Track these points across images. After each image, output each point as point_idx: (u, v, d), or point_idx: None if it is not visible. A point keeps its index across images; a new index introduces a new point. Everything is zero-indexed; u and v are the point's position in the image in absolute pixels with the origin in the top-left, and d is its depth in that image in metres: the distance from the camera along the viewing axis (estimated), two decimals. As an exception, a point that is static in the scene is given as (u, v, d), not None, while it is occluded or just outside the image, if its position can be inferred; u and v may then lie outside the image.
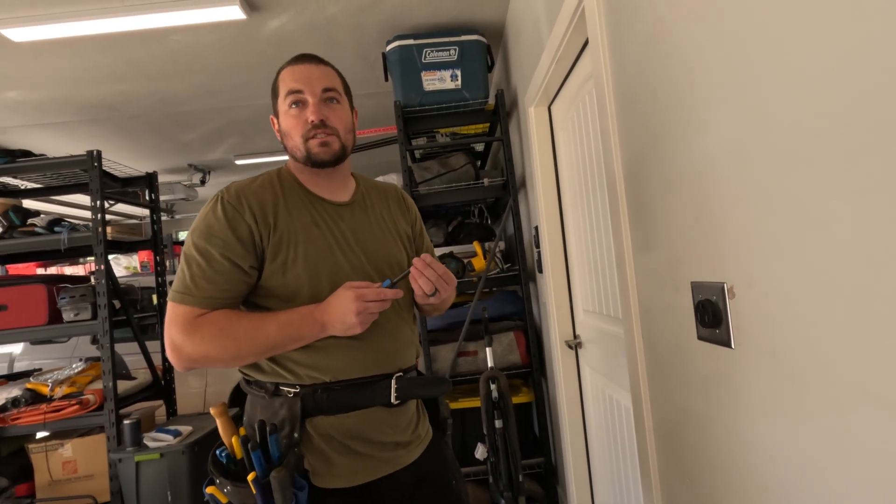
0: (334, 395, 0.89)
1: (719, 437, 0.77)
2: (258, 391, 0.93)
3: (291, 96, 0.95)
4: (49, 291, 2.55)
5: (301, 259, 0.91)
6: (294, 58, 0.99)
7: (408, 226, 1.11)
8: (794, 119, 0.55)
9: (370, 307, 0.86)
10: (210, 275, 0.87)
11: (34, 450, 2.57)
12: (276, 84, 0.99)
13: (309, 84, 0.95)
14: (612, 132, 1.07)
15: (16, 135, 3.36)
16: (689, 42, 0.75)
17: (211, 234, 0.88)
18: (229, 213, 0.89)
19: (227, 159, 4.53)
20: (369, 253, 0.97)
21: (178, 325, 0.86)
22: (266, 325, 0.86)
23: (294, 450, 0.87)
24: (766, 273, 0.62)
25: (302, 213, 0.95)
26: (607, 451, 1.69)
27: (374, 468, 0.91)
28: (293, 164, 1.01)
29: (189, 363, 0.87)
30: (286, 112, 0.96)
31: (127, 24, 2.07)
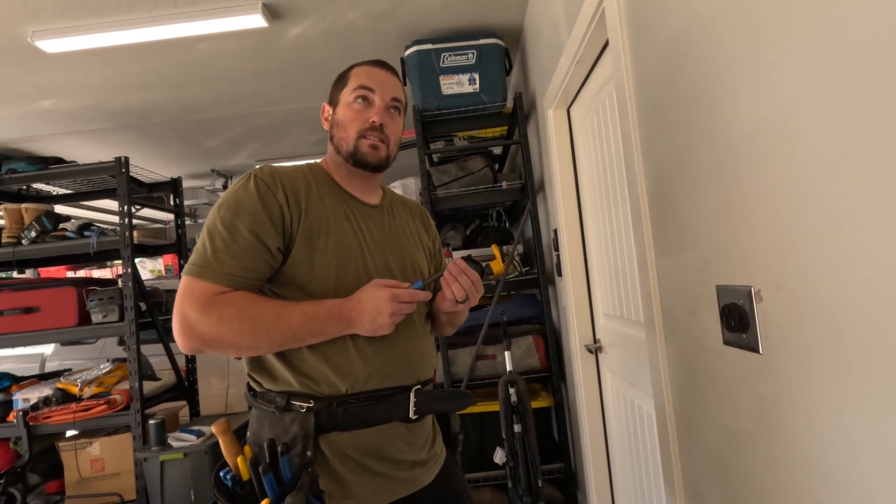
0: (351, 409, 0.84)
1: (747, 444, 0.75)
2: (267, 406, 0.86)
3: (361, 91, 0.94)
4: (79, 294, 2.63)
5: (331, 249, 0.87)
6: (373, 60, 0.99)
7: (430, 240, 1.10)
8: (826, 115, 0.54)
9: (403, 308, 0.83)
10: (235, 250, 0.81)
11: (64, 448, 2.64)
12: (346, 75, 0.98)
13: (381, 87, 0.94)
14: (633, 133, 1.06)
15: (49, 142, 3.49)
16: (714, 41, 0.73)
17: (240, 208, 0.83)
18: (262, 189, 0.85)
19: (248, 164, 4.61)
20: (395, 256, 0.95)
21: (194, 300, 0.78)
22: (290, 314, 0.80)
23: (308, 470, 0.80)
24: (795, 276, 0.61)
25: (334, 205, 0.92)
26: (629, 458, 1.67)
27: (392, 489, 0.87)
28: (330, 161, 0.99)
29: (199, 344, 0.79)
30: (349, 104, 0.94)
31: (154, 34, 2.13)
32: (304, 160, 4.94)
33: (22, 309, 2.59)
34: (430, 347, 0.98)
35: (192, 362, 3.08)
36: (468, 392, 0.95)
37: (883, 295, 0.48)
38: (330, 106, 0.99)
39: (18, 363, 3.83)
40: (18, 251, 2.67)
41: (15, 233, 2.72)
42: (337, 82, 1.00)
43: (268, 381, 0.88)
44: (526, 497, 1.85)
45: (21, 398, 2.60)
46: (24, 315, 2.59)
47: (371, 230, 0.95)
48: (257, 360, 0.90)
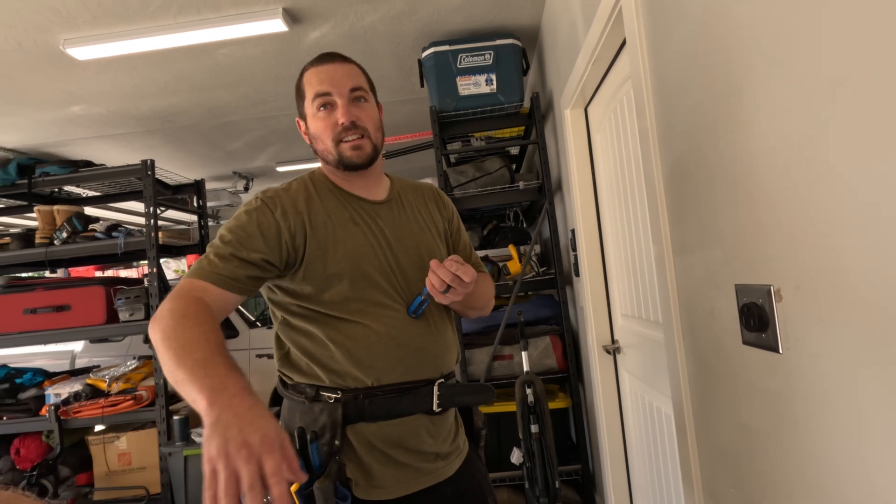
0: (376, 401, 0.87)
1: (767, 446, 0.75)
2: (297, 396, 0.90)
3: (319, 99, 0.92)
4: (107, 293, 2.71)
5: (341, 257, 0.89)
6: (317, 58, 0.96)
7: (445, 222, 1.09)
8: (850, 111, 0.53)
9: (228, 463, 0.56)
10: (222, 253, 0.85)
11: (93, 442, 2.73)
12: (300, 85, 0.96)
13: (336, 85, 0.92)
14: (651, 133, 1.05)
15: (79, 146, 3.61)
16: (733, 38, 0.73)
17: (241, 228, 0.88)
18: (260, 209, 0.89)
19: (269, 166, 4.69)
20: (408, 250, 0.96)
21: (174, 292, 0.81)
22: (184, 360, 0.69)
23: (335, 458, 0.84)
24: (815, 275, 0.60)
25: (340, 212, 0.94)
26: (647, 459, 1.65)
27: (416, 480, 0.89)
28: (325, 167, 0.99)
29: (152, 323, 0.77)
30: (314, 115, 0.94)
31: (179, 41, 2.19)
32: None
33: (54, 307, 2.69)
34: (452, 340, 0.99)
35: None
36: (491, 386, 0.95)
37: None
38: (302, 121, 0.99)
39: (50, 360, 3.97)
40: (51, 251, 2.77)
41: (47, 234, 2.82)
42: (297, 95, 0.98)
43: (297, 374, 0.91)
44: (543, 498, 1.85)
45: (53, 393, 2.69)
46: (55, 313, 2.69)
47: (381, 227, 0.95)
48: (286, 358, 0.94)
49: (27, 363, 3.40)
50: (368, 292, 0.89)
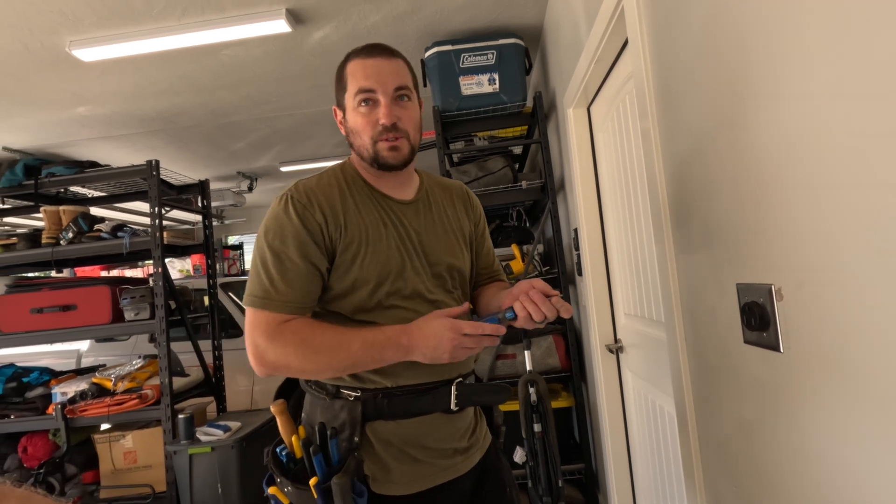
0: (395, 401, 0.88)
1: (768, 444, 0.75)
2: (318, 392, 0.92)
3: (362, 94, 0.88)
4: (112, 292, 2.73)
5: (370, 260, 0.88)
6: (364, 48, 0.91)
7: (471, 225, 1.07)
8: (854, 112, 0.53)
9: (465, 342, 0.80)
10: (290, 277, 0.85)
11: (99, 440, 2.75)
12: (342, 74, 0.92)
13: (381, 82, 0.88)
14: (653, 132, 1.05)
15: (84, 147, 3.63)
16: (736, 38, 0.73)
17: (285, 234, 0.86)
18: (300, 212, 0.87)
19: (273, 166, 4.71)
20: (430, 255, 0.95)
21: (261, 331, 0.84)
22: (350, 342, 0.82)
23: (354, 454, 0.85)
24: (816, 274, 0.60)
25: (370, 211, 0.92)
26: (650, 459, 1.65)
27: (433, 476, 0.90)
28: (357, 161, 0.97)
29: (270, 370, 0.85)
30: (354, 109, 0.90)
31: (182, 42, 2.21)
32: (328, 161, 5.00)
33: (60, 307, 2.71)
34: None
35: (219, 360, 3.17)
36: (507, 386, 0.95)
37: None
38: (339, 110, 0.96)
39: (57, 359, 4.00)
40: (57, 251, 2.80)
41: (54, 234, 2.84)
42: (337, 82, 0.94)
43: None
44: (546, 497, 1.85)
45: (59, 392, 2.72)
46: (62, 312, 2.71)
47: (407, 230, 0.94)
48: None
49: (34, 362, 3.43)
50: (391, 297, 0.89)
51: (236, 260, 5.86)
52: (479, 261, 1.09)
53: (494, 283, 1.10)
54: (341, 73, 0.93)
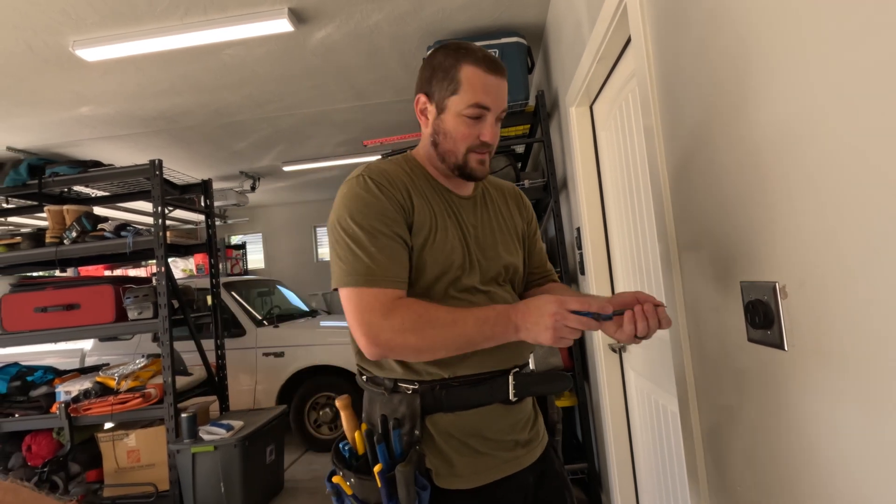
0: (453, 392, 0.87)
1: (772, 444, 0.74)
2: (376, 388, 0.91)
3: (477, 109, 0.87)
4: (116, 292, 2.74)
5: (437, 248, 0.87)
6: (486, 60, 0.88)
7: (524, 224, 1.07)
8: (858, 110, 0.53)
9: (569, 319, 0.75)
10: (388, 252, 0.83)
11: (103, 439, 2.76)
12: (455, 74, 0.88)
13: (496, 103, 0.88)
14: (655, 130, 1.05)
15: (87, 147, 3.64)
16: (738, 36, 0.73)
17: (370, 210, 0.84)
18: (383, 188, 0.85)
19: (275, 166, 4.72)
20: (486, 250, 0.94)
21: (373, 309, 0.81)
22: (464, 318, 0.81)
23: (415, 448, 0.84)
24: (820, 272, 0.60)
25: (436, 200, 0.92)
26: (653, 458, 1.65)
27: (496, 468, 0.89)
28: (424, 156, 0.95)
29: (385, 350, 0.82)
30: (459, 116, 0.88)
31: (185, 41, 2.21)
32: (330, 161, 5.00)
33: (64, 306, 2.72)
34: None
35: (221, 359, 3.18)
36: (567, 375, 0.92)
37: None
38: (430, 103, 0.92)
39: (61, 358, 4.02)
40: (61, 251, 2.81)
41: (57, 233, 2.85)
42: (440, 76, 0.89)
43: (375, 368, 0.92)
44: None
45: (63, 391, 2.73)
46: (65, 311, 2.72)
47: (466, 224, 0.94)
48: (361, 353, 0.94)
49: (38, 361, 3.44)
50: (450, 288, 0.89)
51: (239, 259, 5.88)
52: (532, 260, 1.08)
53: (549, 282, 1.10)
54: (451, 70, 0.88)
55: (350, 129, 3.83)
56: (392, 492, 0.81)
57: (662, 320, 0.77)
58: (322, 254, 6.94)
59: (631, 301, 0.78)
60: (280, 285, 4.89)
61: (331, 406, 3.66)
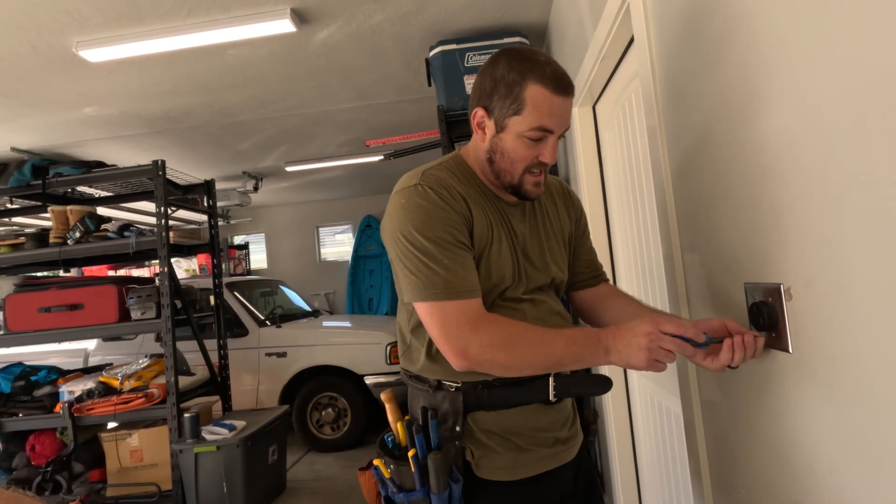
0: (494, 392, 0.87)
1: (776, 447, 0.74)
2: (420, 385, 0.92)
3: (540, 132, 0.83)
4: (119, 292, 2.75)
5: (493, 261, 0.87)
6: (555, 79, 0.82)
7: (572, 224, 1.04)
8: (861, 109, 0.52)
9: (664, 341, 0.72)
10: (461, 261, 0.81)
11: (106, 438, 2.77)
12: (520, 92, 0.82)
13: (561, 126, 0.85)
14: (659, 130, 1.04)
15: (91, 147, 3.66)
16: (742, 36, 0.72)
17: (434, 220, 0.82)
18: (444, 197, 0.83)
19: (278, 166, 4.73)
20: (534, 260, 0.93)
21: (459, 322, 0.80)
22: (553, 338, 0.80)
23: (455, 442, 0.86)
24: (827, 273, 0.59)
25: (489, 209, 0.90)
26: (656, 460, 1.64)
27: (537, 462, 0.90)
28: (475, 162, 0.93)
29: (473, 364, 0.80)
30: (522, 137, 0.84)
31: (188, 42, 2.21)
32: (333, 161, 4.99)
33: (67, 306, 2.73)
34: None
35: (224, 359, 3.18)
36: (608, 377, 0.90)
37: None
38: (489, 118, 0.87)
39: (64, 358, 4.03)
40: (64, 251, 2.82)
41: (61, 233, 2.86)
42: (503, 92, 0.84)
43: (418, 368, 0.93)
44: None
45: (67, 391, 2.74)
46: (69, 311, 2.73)
47: (514, 231, 0.92)
48: (408, 353, 0.95)
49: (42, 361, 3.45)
50: (496, 299, 0.89)
51: (242, 260, 5.89)
52: (580, 260, 1.06)
53: (602, 284, 1.07)
54: (515, 88, 0.83)
55: (352, 130, 3.83)
56: (424, 477, 0.83)
57: (758, 351, 0.73)
58: (325, 254, 6.95)
59: (719, 328, 0.74)
60: (283, 285, 4.90)
61: (333, 406, 3.67)
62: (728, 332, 0.74)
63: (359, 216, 6.60)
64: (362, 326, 4.09)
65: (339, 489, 2.97)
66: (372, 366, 3.55)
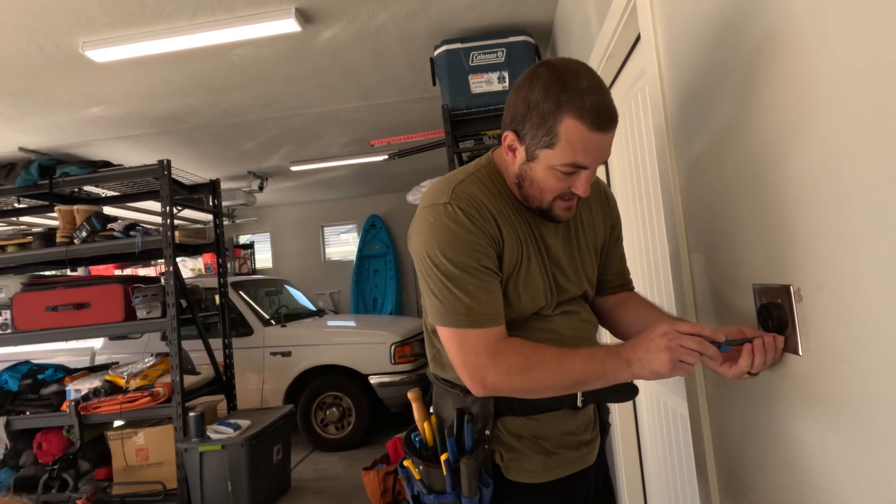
0: (525, 398, 0.87)
1: (785, 450, 0.73)
2: (451, 388, 0.91)
3: (572, 168, 0.78)
4: (125, 291, 2.76)
5: (522, 283, 0.86)
6: (595, 116, 0.75)
7: (607, 229, 1.01)
8: (872, 107, 0.51)
9: (685, 341, 0.70)
10: (487, 289, 0.81)
11: (112, 437, 2.78)
12: (555, 128, 0.76)
13: (598, 159, 0.79)
14: (666, 129, 1.03)
15: (97, 147, 3.68)
16: (747, 33, 0.71)
17: (462, 245, 0.80)
18: (474, 220, 0.81)
19: (283, 166, 4.74)
20: (566, 273, 0.92)
21: (479, 351, 0.80)
22: (571, 357, 0.78)
23: (485, 446, 0.87)
24: (839, 274, 0.58)
25: (521, 226, 0.87)
26: (662, 463, 1.63)
27: (564, 465, 0.91)
28: (505, 170, 0.89)
29: (490, 391, 0.81)
30: (552, 170, 0.79)
31: (193, 42, 2.22)
32: (337, 161, 4.98)
33: (74, 305, 2.74)
34: (596, 340, 1.00)
35: (229, 358, 3.19)
36: (634, 384, 0.89)
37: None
38: (520, 144, 0.82)
39: (71, 356, 4.06)
40: (71, 250, 2.83)
41: (68, 233, 2.88)
42: (536, 121, 0.77)
43: (447, 373, 0.93)
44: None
45: (73, 389, 2.75)
46: (76, 310, 2.75)
47: (547, 246, 0.90)
48: (437, 358, 0.95)
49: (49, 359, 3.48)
50: (527, 312, 0.89)
51: (247, 259, 5.91)
52: (611, 267, 1.04)
53: (626, 292, 1.06)
54: (549, 119, 0.76)
55: (357, 129, 3.84)
56: (455, 481, 0.84)
57: (778, 353, 0.70)
58: (329, 253, 6.97)
59: (737, 333, 0.71)
60: (287, 285, 4.91)
61: (337, 406, 3.67)
62: (746, 337, 0.71)
63: (363, 216, 6.61)
64: (367, 326, 4.09)
65: (343, 488, 2.98)
66: (376, 365, 3.55)
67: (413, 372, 3.55)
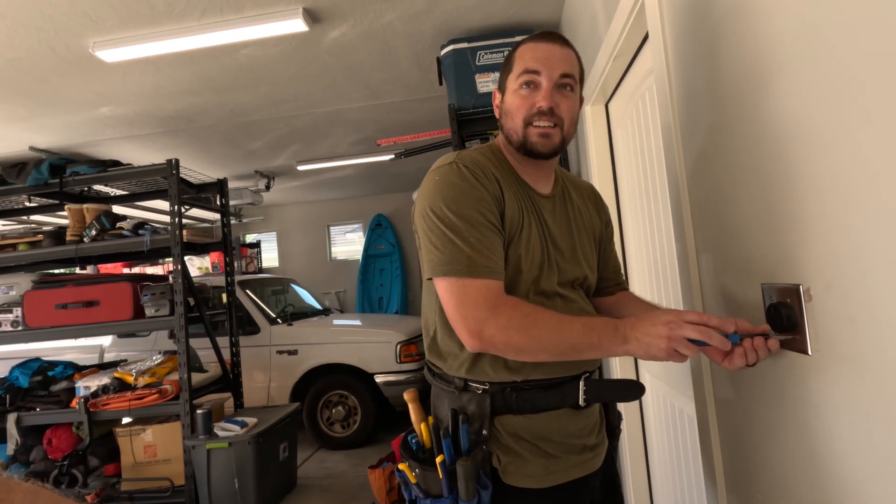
0: (523, 395, 0.85)
1: (794, 451, 0.72)
2: (446, 385, 0.90)
3: (526, 76, 0.86)
4: (134, 289, 2.78)
5: (524, 246, 0.85)
6: (538, 34, 0.90)
7: (602, 226, 1.04)
8: (882, 105, 0.51)
9: (686, 330, 0.69)
10: (488, 243, 0.80)
11: (120, 433, 2.81)
12: (511, 58, 0.91)
13: (548, 66, 0.86)
14: (674, 128, 1.03)
15: (107, 147, 3.71)
16: (758, 32, 0.71)
17: (466, 197, 0.81)
18: (477, 175, 0.83)
19: (289, 165, 4.76)
20: (564, 252, 0.92)
21: (478, 302, 0.77)
22: (571, 322, 0.77)
23: (482, 447, 0.84)
24: (849, 273, 0.57)
25: (521, 197, 0.89)
26: (669, 464, 1.62)
27: (566, 471, 0.87)
28: (504, 144, 0.94)
29: (487, 345, 0.78)
30: (515, 91, 0.88)
31: (202, 42, 2.23)
32: (344, 160, 5.01)
33: (84, 302, 2.77)
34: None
35: (236, 356, 3.21)
36: (640, 383, 0.88)
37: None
38: (499, 92, 0.94)
39: (80, 353, 4.10)
40: (81, 248, 2.86)
41: (77, 231, 2.91)
42: (504, 67, 0.92)
43: (444, 364, 0.91)
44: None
45: (83, 386, 2.78)
46: (85, 308, 2.77)
47: (546, 223, 0.91)
48: (435, 348, 0.93)
49: (59, 356, 3.52)
50: (529, 291, 0.87)
51: (253, 258, 5.94)
52: (607, 265, 1.06)
53: (621, 291, 1.07)
54: (510, 57, 0.92)
55: (364, 129, 3.84)
56: (452, 484, 0.81)
57: (772, 349, 0.71)
58: (336, 252, 6.99)
59: (745, 325, 0.73)
60: (294, 284, 4.93)
61: (343, 404, 3.69)
62: (751, 331, 0.72)
63: (369, 215, 6.63)
64: (373, 325, 4.10)
65: (349, 486, 2.99)
66: (382, 364, 3.56)
67: (418, 371, 3.56)
